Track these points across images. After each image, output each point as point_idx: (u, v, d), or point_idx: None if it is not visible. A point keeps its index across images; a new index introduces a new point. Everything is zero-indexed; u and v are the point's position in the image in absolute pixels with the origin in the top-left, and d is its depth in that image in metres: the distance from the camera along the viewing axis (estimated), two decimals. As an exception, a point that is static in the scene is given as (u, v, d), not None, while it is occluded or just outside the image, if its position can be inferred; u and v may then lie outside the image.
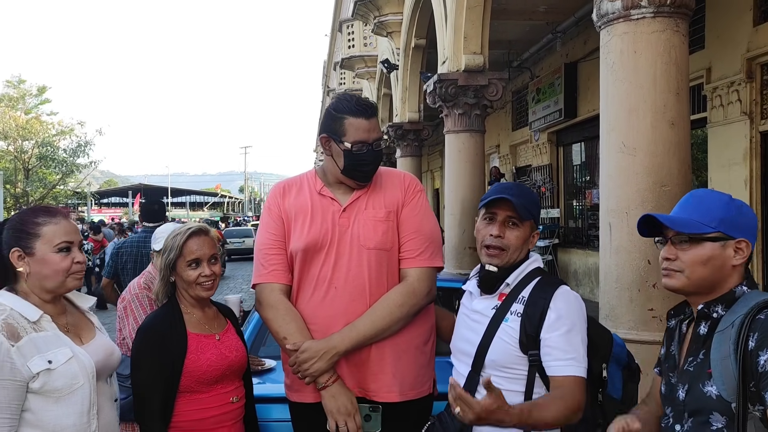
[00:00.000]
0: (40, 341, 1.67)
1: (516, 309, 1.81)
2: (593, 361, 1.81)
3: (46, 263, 1.73)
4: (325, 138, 2.09)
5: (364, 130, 2.02)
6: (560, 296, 1.78)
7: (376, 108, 2.12)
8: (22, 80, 27.43)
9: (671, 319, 1.67)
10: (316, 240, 2.04)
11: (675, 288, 1.54)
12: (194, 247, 2.08)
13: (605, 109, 3.39)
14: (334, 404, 1.93)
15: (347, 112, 2.03)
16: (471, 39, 6.82)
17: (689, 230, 1.50)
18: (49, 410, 1.65)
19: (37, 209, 1.81)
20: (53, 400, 1.66)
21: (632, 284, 3.23)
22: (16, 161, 26.44)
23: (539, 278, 1.85)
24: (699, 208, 1.52)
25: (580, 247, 11.07)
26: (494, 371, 1.80)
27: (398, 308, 1.98)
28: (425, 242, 2.07)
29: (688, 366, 1.50)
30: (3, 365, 1.58)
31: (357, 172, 2.05)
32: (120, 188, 72.72)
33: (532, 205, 1.88)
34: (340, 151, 2.04)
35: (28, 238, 1.73)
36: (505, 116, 14.30)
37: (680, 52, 3.21)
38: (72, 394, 1.68)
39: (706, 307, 1.49)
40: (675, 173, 3.19)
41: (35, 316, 1.70)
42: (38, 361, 1.63)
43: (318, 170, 2.19)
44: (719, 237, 1.49)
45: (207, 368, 2.03)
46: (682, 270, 1.51)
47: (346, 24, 14.68)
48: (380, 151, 2.08)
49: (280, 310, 2.02)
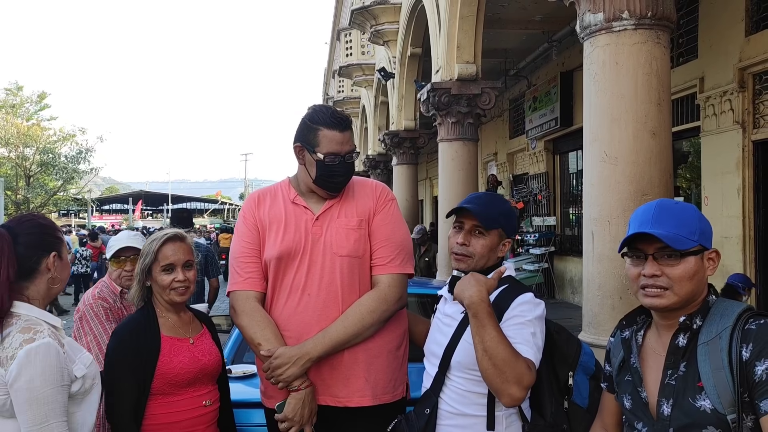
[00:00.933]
0: (72, 346, 1.75)
1: None
2: (560, 368, 1.84)
3: (66, 268, 1.82)
4: (299, 147, 2.13)
5: (337, 142, 2.06)
6: (520, 299, 1.81)
7: (350, 121, 2.16)
8: (20, 86, 27.58)
9: (625, 330, 1.63)
10: (289, 248, 2.08)
11: (665, 306, 1.47)
12: (169, 252, 2.12)
13: (588, 119, 3.44)
14: (296, 408, 1.97)
15: (322, 124, 2.07)
16: (464, 48, 6.88)
17: (680, 246, 1.45)
18: (75, 412, 1.72)
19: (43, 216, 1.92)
20: (79, 401, 1.72)
21: (614, 292, 3.26)
22: (17, 168, 26.54)
23: (507, 285, 1.88)
24: (679, 222, 1.47)
25: (576, 255, 11.08)
26: (459, 372, 1.84)
27: (370, 314, 2.02)
28: (396, 249, 2.11)
29: (668, 380, 1.46)
30: (62, 372, 1.63)
31: (328, 182, 2.09)
32: (121, 195, 72.81)
33: (499, 215, 1.92)
34: (312, 161, 2.08)
35: (58, 243, 1.80)
36: (502, 124, 14.36)
37: (661, 64, 3.26)
38: (92, 393, 1.77)
39: (688, 319, 1.45)
40: (656, 182, 3.23)
41: (59, 324, 1.77)
42: (79, 365, 1.71)
43: (292, 179, 2.23)
44: (699, 250, 1.46)
45: (179, 371, 2.06)
46: (669, 287, 1.45)
47: (344, 32, 14.77)
48: (352, 163, 2.12)
49: (254, 317, 2.05)
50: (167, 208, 58.97)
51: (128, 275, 2.72)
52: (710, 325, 1.44)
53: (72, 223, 43.64)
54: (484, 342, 1.66)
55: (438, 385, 1.87)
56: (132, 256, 2.76)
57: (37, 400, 1.58)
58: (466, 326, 1.83)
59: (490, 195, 2.05)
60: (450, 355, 1.85)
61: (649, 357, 1.54)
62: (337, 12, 20.99)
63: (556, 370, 1.82)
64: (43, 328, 1.65)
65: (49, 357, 1.60)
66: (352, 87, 17.29)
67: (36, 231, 1.77)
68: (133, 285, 2.19)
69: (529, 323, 1.76)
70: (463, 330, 1.84)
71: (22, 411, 1.58)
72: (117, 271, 2.78)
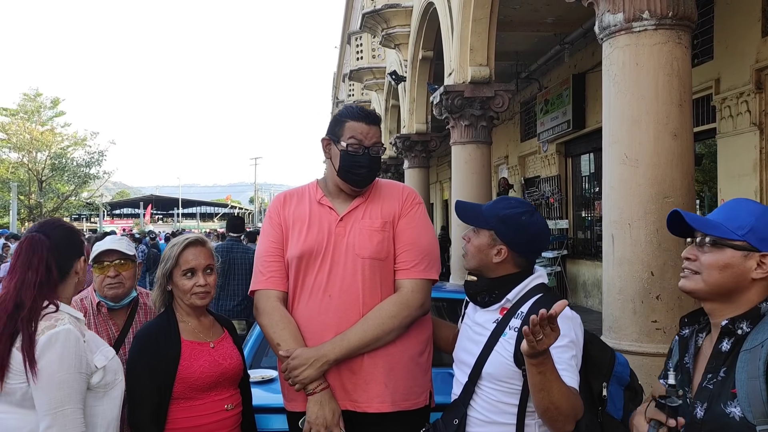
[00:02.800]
0: (93, 339, 1.80)
1: (514, 324, 1.81)
2: (593, 379, 1.79)
3: (85, 270, 1.91)
4: (326, 140, 2.15)
5: (361, 132, 2.07)
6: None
7: (379, 118, 2.18)
8: (39, 93, 27.86)
9: (685, 328, 1.60)
10: (311, 248, 2.07)
11: (690, 290, 1.49)
12: (190, 257, 2.12)
13: (608, 121, 3.39)
14: (317, 412, 1.95)
15: (349, 116, 2.10)
16: (477, 51, 6.85)
17: (712, 232, 1.45)
18: (96, 405, 1.75)
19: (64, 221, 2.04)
20: (101, 395, 1.76)
21: (635, 296, 3.21)
22: (30, 173, 26.77)
23: (540, 295, 1.84)
24: (731, 214, 1.47)
25: (588, 258, 11.00)
26: (489, 383, 1.81)
27: (390, 319, 1.99)
28: (420, 254, 2.08)
29: (707, 383, 1.44)
30: (81, 359, 1.68)
31: (351, 174, 2.08)
32: (131, 199, 73.30)
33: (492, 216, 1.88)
34: (337, 152, 2.09)
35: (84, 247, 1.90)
36: (513, 127, 14.31)
37: (683, 64, 3.21)
38: (114, 389, 1.80)
39: (731, 323, 1.42)
40: (678, 185, 3.18)
41: (81, 317, 1.82)
42: (99, 356, 1.76)
43: (320, 180, 2.24)
44: (743, 246, 1.43)
45: (200, 375, 2.05)
46: (699, 272, 1.46)
47: (354, 36, 14.78)
48: (378, 158, 2.11)
49: (274, 317, 2.05)
50: (178, 213, 59.25)
51: (112, 282, 2.35)
52: (757, 333, 1.40)
53: (84, 227, 43.98)
54: (552, 396, 1.60)
55: (467, 396, 1.84)
56: (117, 261, 2.36)
57: (54, 384, 1.62)
58: (498, 338, 1.81)
59: (501, 198, 2.00)
60: (481, 366, 1.82)
61: (700, 359, 1.51)
62: (347, 16, 21.03)
63: (589, 380, 1.77)
64: (64, 317, 1.71)
65: (68, 342, 1.66)
66: (362, 91, 17.29)
67: (68, 236, 1.87)
68: (155, 289, 2.17)
69: (569, 347, 1.71)
70: (495, 341, 1.81)
71: (39, 394, 1.63)
72: (99, 277, 2.39)
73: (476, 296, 1.92)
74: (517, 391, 1.78)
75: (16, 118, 26.86)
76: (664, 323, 3.16)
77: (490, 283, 1.88)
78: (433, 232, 2.21)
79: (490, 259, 1.87)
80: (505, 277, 1.87)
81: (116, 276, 2.37)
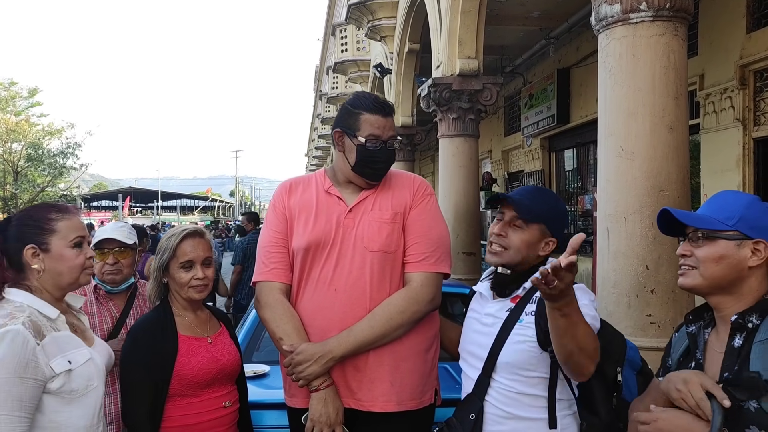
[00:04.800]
0: (61, 341, 1.63)
1: (530, 309, 1.77)
2: (607, 364, 1.75)
3: (62, 259, 1.68)
4: (339, 133, 2.06)
5: (379, 126, 2.00)
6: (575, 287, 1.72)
7: (393, 108, 2.10)
8: (14, 82, 27.24)
9: (691, 324, 1.59)
10: (318, 239, 2.00)
11: (690, 286, 1.50)
12: (188, 249, 2.04)
13: (603, 114, 3.37)
14: (320, 410, 1.89)
15: (364, 108, 2.01)
16: (465, 43, 6.80)
17: (703, 226, 1.46)
18: (61, 411, 1.61)
19: (45, 206, 1.76)
20: (67, 401, 1.61)
21: (630, 290, 3.20)
22: (5, 163, 26.20)
23: None
24: (719, 206, 1.49)
25: (572, 252, 11.07)
26: (508, 374, 1.76)
27: (399, 314, 1.93)
28: (431, 247, 2.02)
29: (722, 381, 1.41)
30: (28, 363, 1.53)
31: (368, 168, 2.01)
32: (109, 191, 72.22)
33: (543, 210, 1.83)
34: (353, 146, 2.01)
35: (43, 233, 1.68)
36: (497, 121, 14.32)
37: (679, 57, 3.19)
38: (86, 396, 1.65)
39: (740, 318, 1.42)
40: (673, 178, 3.17)
41: (54, 315, 1.66)
42: (60, 361, 1.59)
43: (328, 170, 2.16)
44: (735, 236, 1.45)
45: (197, 372, 1.98)
46: (696, 267, 1.47)
47: (339, 28, 14.66)
48: (393, 151, 2.05)
49: (277, 311, 1.98)
50: (157, 205, 58.56)
51: (111, 269, 2.48)
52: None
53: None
54: (577, 338, 1.59)
55: (482, 388, 1.79)
56: (116, 248, 2.49)
57: None
58: (512, 325, 1.76)
59: (539, 189, 1.96)
60: (495, 356, 1.77)
61: (709, 354, 1.50)
62: (331, 7, 20.87)
63: (603, 366, 1.73)
64: (21, 316, 1.56)
65: (13, 344, 1.51)
66: (346, 83, 17.17)
67: (17, 223, 1.69)
68: (150, 281, 2.09)
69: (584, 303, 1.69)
70: (509, 329, 1.76)
71: None
72: (99, 263, 2.52)
73: (505, 288, 1.87)
74: (543, 379, 1.74)
75: (-10, 108, 26.27)
76: (659, 317, 3.16)
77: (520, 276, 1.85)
78: (445, 225, 2.14)
79: (537, 253, 1.84)
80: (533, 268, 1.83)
81: (115, 263, 2.48)
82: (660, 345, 3.16)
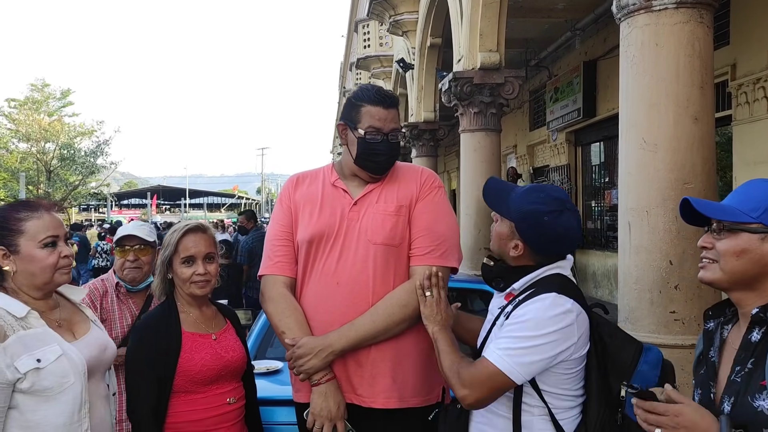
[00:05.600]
0: (28, 339, 1.59)
1: (508, 311, 1.70)
2: (612, 378, 1.64)
3: (32, 260, 1.65)
4: (342, 126, 2.05)
5: (379, 118, 1.96)
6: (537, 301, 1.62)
7: (396, 99, 2.06)
8: (46, 84, 27.86)
9: (709, 321, 1.51)
10: (321, 231, 1.97)
11: (709, 281, 1.41)
12: (189, 244, 2.03)
13: (625, 105, 3.27)
14: (321, 404, 1.86)
15: (365, 100, 1.98)
16: (487, 36, 6.70)
17: (723, 217, 1.37)
18: (37, 410, 1.58)
19: (17, 204, 1.73)
20: (43, 399, 1.59)
21: (653, 285, 3.10)
22: (39, 163, 26.82)
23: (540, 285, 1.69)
24: (745, 196, 1.39)
25: (599, 248, 10.87)
26: None
27: (401, 308, 1.89)
28: (436, 240, 1.97)
29: (735, 376, 1.34)
30: None
31: (369, 162, 1.98)
32: (139, 189, 73.56)
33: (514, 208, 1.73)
34: (354, 139, 1.99)
35: (11, 235, 1.65)
36: (522, 116, 14.13)
37: (704, 44, 3.08)
38: (62, 393, 1.61)
39: (762, 311, 1.33)
40: (698, 170, 3.06)
41: (22, 312, 1.62)
42: (26, 360, 1.56)
43: (336, 163, 2.15)
44: (759, 229, 1.34)
45: (201, 368, 1.96)
46: (716, 260, 1.38)
47: (361, 24, 14.62)
48: (396, 143, 2.00)
49: (280, 304, 1.97)
50: (185, 203, 59.42)
51: (131, 266, 2.58)
52: None
53: (92, 217, 44.11)
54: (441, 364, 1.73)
55: None
56: (136, 246, 2.59)
57: None
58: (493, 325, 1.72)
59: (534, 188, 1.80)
60: (480, 352, 1.73)
61: (726, 352, 1.42)
62: (354, 4, 20.86)
63: (609, 379, 1.64)
64: None
65: None
66: (369, 79, 17.14)
67: None
68: (155, 277, 2.09)
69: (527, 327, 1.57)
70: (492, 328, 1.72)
71: None
72: (120, 260, 2.61)
73: (491, 281, 1.83)
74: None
75: (24, 108, 26.88)
76: (683, 314, 3.06)
77: (503, 270, 1.78)
78: (453, 218, 2.08)
79: (507, 250, 1.76)
80: (521, 268, 1.75)
81: (135, 260, 2.57)
82: (684, 342, 3.06)
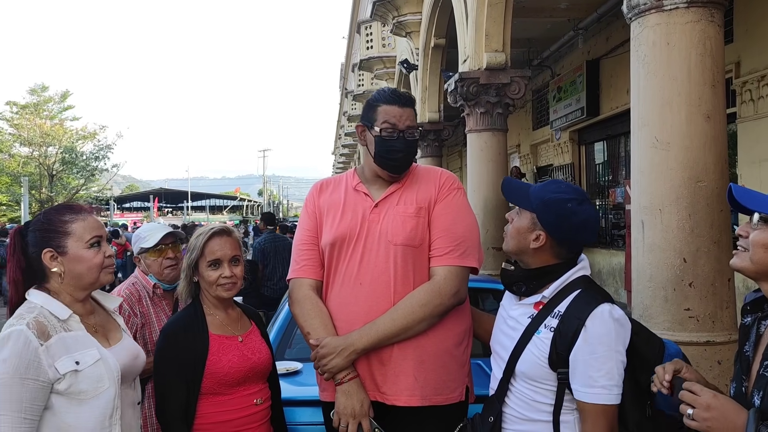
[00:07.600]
0: (69, 341, 1.63)
1: (550, 323, 1.71)
2: (639, 373, 1.67)
3: (80, 260, 1.70)
4: (360, 127, 2.11)
5: (394, 115, 2.02)
6: (596, 317, 1.65)
7: (413, 100, 2.11)
8: (45, 87, 27.90)
9: (747, 315, 1.52)
10: (344, 234, 2.02)
11: (738, 267, 1.44)
12: (215, 247, 2.06)
13: (637, 104, 3.28)
14: (345, 403, 1.90)
15: (381, 101, 2.06)
16: (492, 36, 6.71)
17: (757, 208, 1.39)
18: (70, 412, 1.61)
19: (60, 208, 1.78)
20: (77, 402, 1.62)
21: (667, 283, 3.11)
22: (41, 167, 26.87)
23: (579, 291, 1.72)
24: None
25: (603, 246, 10.89)
26: (523, 382, 1.75)
27: (421, 307, 1.92)
28: (455, 240, 2.00)
29: (764, 370, 1.36)
30: (29, 364, 1.54)
31: (387, 160, 2.03)
32: (141, 193, 73.61)
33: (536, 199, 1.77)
34: (372, 138, 2.05)
35: (59, 237, 1.70)
36: (525, 115, 14.15)
37: (716, 43, 3.09)
38: (96, 398, 1.64)
39: None
40: (711, 168, 3.07)
41: (65, 315, 1.67)
42: (66, 362, 1.60)
43: (358, 168, 2.20)
44: None
45: (228, 370, 1.99)
46: (747, 249, 1.40)
47: (364, 25, 14.63)
48: (414, 141, 2.05)
49: (305, 306, 2.01)
50: (187, 205, 59.46)
51: (170, 263, 2.59)
52: None
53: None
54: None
55: (502, 392, 1.78)
56: (171, 243, 2.62)
57: None
58: (531, 334, 1.72)
59: (552, 181, 1.89)
60: (514, 363, 1.74)
61: (761, 346, 1.43)
62: (356, 5, 20.87)
63: (636, 374, 1.67)
64: (28, 317, 1.59)
65: (16, 345, 1.53)
66: (372, 80, 17.15)
67: (35, 228, 1.72)
68: (181, 281, 2.12)
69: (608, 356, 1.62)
70: (528, 338, 1.73)
71: None
72: (158, 260, 2.58)
73: (512, 286, 1.83)
74: (552, 391, 1.70)
75: (26, 112, 26.93)
76: (698, 311, 3.07)
77: (527, 274, 1.79)
78: (473, 219, 2.11)
79: (527, 243, 1.76)
80: (544, 269, 1.77)
81: (173, 257, 2.60)
82: (699, 339, 3.07)
